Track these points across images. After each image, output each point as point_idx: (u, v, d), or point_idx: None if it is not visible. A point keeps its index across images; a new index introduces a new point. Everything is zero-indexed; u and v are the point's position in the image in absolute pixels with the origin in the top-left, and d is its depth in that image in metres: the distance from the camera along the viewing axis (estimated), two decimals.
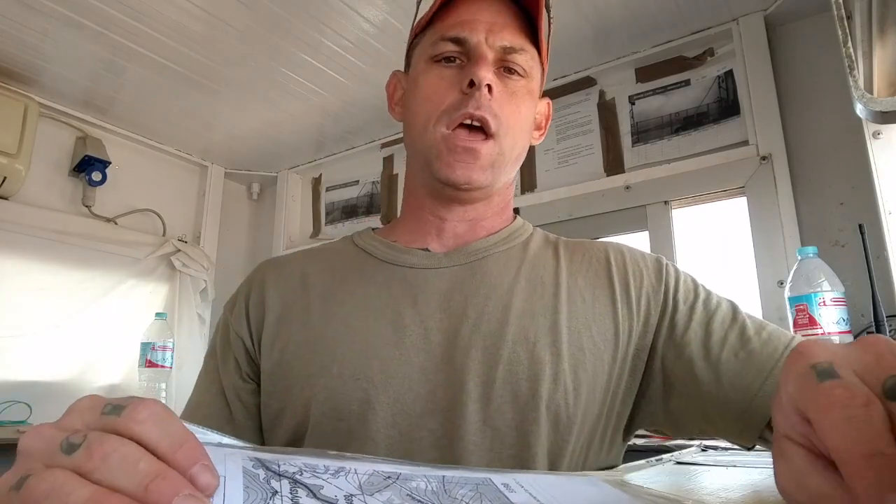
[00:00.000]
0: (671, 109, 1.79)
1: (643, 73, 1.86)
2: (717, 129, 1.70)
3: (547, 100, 0.74)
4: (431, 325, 0.59)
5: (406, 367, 0.57)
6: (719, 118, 1.71)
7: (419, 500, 0.33)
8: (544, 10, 0.64)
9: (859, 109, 1.09)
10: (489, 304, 0.60)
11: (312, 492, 0.30)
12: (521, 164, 0.69)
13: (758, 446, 0.55)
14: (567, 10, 1.65)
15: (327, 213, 2.63)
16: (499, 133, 0.61)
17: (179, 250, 2.41)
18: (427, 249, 0.67)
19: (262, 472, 0.30)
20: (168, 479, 0.25)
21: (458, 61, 0.63)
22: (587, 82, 1.96)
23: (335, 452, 0.36)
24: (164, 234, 2.44)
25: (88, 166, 2.15)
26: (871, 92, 1.10)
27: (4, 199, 1.98)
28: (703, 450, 0.90)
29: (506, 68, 0.63)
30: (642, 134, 1.83)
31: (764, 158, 1.57)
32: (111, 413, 0.27)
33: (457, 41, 0.62)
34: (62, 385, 2.03)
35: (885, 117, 1.07)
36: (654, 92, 1.83)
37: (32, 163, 1.95)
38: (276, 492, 0.29)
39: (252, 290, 0.68)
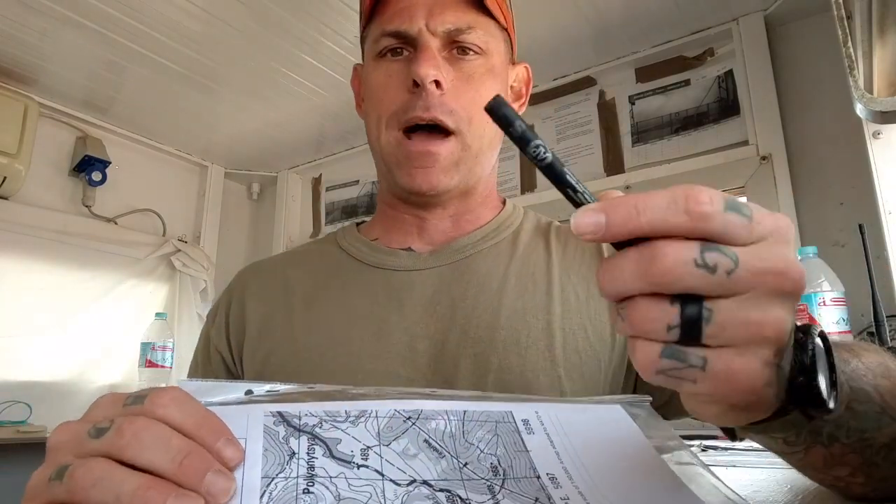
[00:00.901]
0: (671, 109, 1.79)
1: (643, 73, 1.86)
2: (717, 129, 1.70)
3: (523, 64, 0.68)
4: (417, 332, 0.56)
5: (391, 381, 0.54)
6: (719, 118, 1.71)
7: (435, 446, 0.33)
8: None
9: (859, 109, 1.09)
10: (478, 307, 0.57)
11: (329, 448, 0.31)
12: (498, 147, 0.65)
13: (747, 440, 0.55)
14: (567, 10, 1.65)
15: (327, 213, 2.63)
16: (459, 128, 0.57)
17: (179, 250, 2.41)
18: (410, 249, 0.63)
19: (282, 430, 0.32)
20: (199, 455, 0.27)
21: (404, 52, 0.58)
22: (587, 82, 1.96)
23: (358, 391, 0.36)
24: (164, 234, 2.44)
25: (88, 166, 2.15)
26: (871, 92, 1.10)
27: (4, 199, 1.98)
28: (703, 450, 0.90)
29: (459, 49, 0.58)
30: (642, 134, 1.83)
31: (764, 158, 1.57)
32: (134, 403, 0.28)
33: (397, 35, 0.58)
34: (62, 385, 2.03)
35: (885, 117, 1.07)
36: (654, 92, 1.83)
37: (32, 163, 1.94)
38: (294, 453, 0.30)
39: (232, 301, 0.65)
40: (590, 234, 0.26)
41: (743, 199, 0.27)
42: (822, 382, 0.28)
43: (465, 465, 0.33)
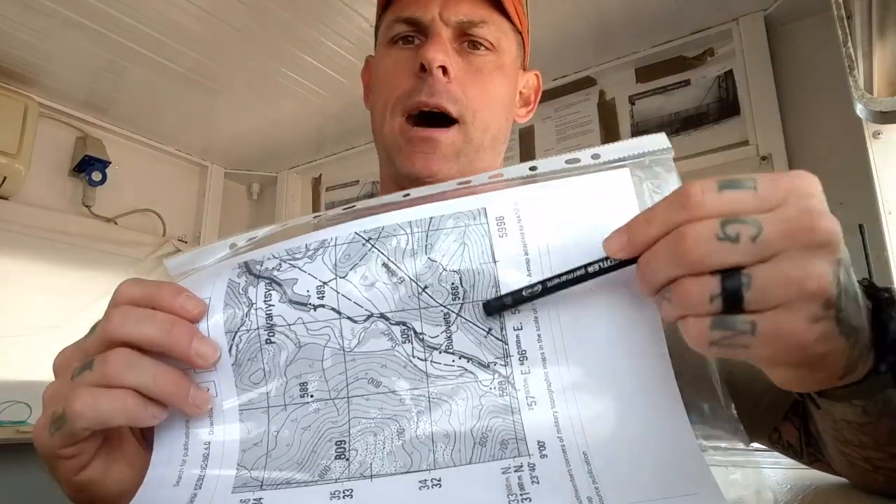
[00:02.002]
0: (671, 109, 1.79)
1: (643, 73, 1.86)
2: (717, 129, 1.70)
3: (534, 72, 0.69)
4: None
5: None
6: (719, 118, 1.71)
7: (394, 269, 0.32)
8: None
9: (859, 109, 1.09)
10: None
11: (285, 291, 0.32)
12: (503, 147, 0.64)
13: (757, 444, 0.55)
14: (567, 10, 1.65)
15: None
16: (464, 118, 0.57)
17: (179, 250, 2.41)
18: None
19: (242, 280, 0.33)
20: (184, 325, 0.32)
21: (415, 41, 0.58)
22: (587, 82, 1.96)
23: (319, 216, 0.36)
24: (164, 235, 2.44)
25: (88, 166, 2.15)
26: (871, 92, 1.10)
27: (4, 199, 1.98)
28: (703, 451, 0.89)
29: (470, 43, 0.58)
30: (642, 134, 1.83)
31: (764, 158, 1.57)
32: (88, 335, 0.36)
33: (410, 21, 0.58)
34: None
35: (885, 117, 1.07)
36: (654, 92, 1.83)
37: (32, 163, 1.94)
38: (252, 303, 0.32)
39: None
40: (619, 251, 0.30)
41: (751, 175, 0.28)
42: None
43: (425, 288, 0.32)
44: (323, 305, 0.32)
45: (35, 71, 1.93)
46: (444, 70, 0.55)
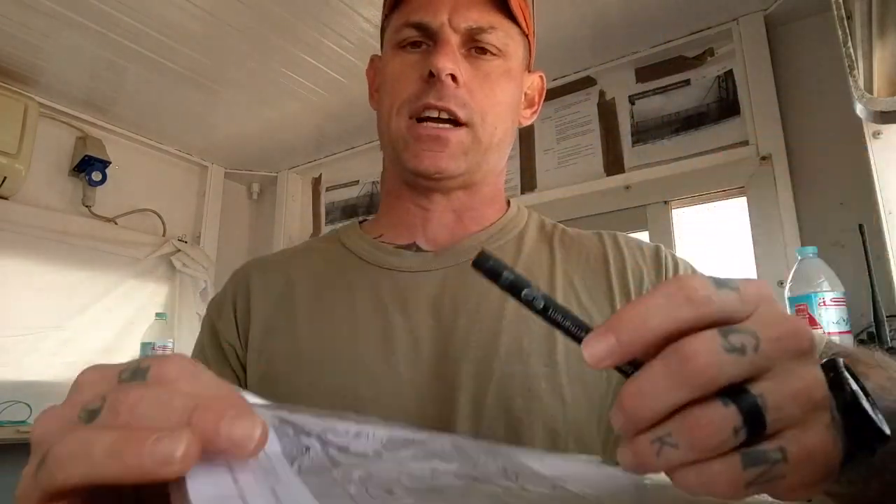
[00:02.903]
0: (671, 109, 1.79)
1: (643, 73, 1.86)
2: (717, 129, 1.70)
3: (539, 73, 0.69)
4: (421, 335, 0.56)
5: (395, 383, 0.54)
6: (719, 118, 1.71)
7: (442, 456, 0.32)
8: None
9: (859, 109, 1.09)
10: (480, 311, 0.57)
11: (341, 449, 0.30)
12: (508, 149, 0.65)
13: None
14: (566, 9, 1.65)
15: (327, 213, 2.63)
16: (472, 121, 0.57)
17: (179, 250, 2.41)
18: (415, 245, 0.63)
19: (290, 429, 0.29)
20: (211, 407, 0.21)
21: (423, 46, 0.59)
22: (587, 82, 1.96)
23: (355, 415, 0.35)
24: (164, 234, 2.44)
25: (88, 166, 2.15)
26: (871, 92, 1.10)
27: (4, 199, 1.98)
28: None
29: (478, 48, 0.58)
30: (642, 134, 1.83)
31: (764, 158, 1.57)
32: (132, 378, 0.23)
33: (419, 26, 0.58)
34: (62, 385, 2.03)
35: (885, 117, 1.07)
36: (654, 92, 1.83)
37: (32, 163, 1.94)
38: (308, 448, 0.28)
39: (238, 296, 0.64)
40: (607, 359, 0.24)
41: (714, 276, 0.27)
42: (872, 412, 0.26)
43: (476, 467, 0.32)
44: (383, 461, 0.31)
45: (35, 71, 1.93)
46: (454, 77, 0.56)
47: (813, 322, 1.17)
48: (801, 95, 1.59)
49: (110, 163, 2.19)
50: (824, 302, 1.17)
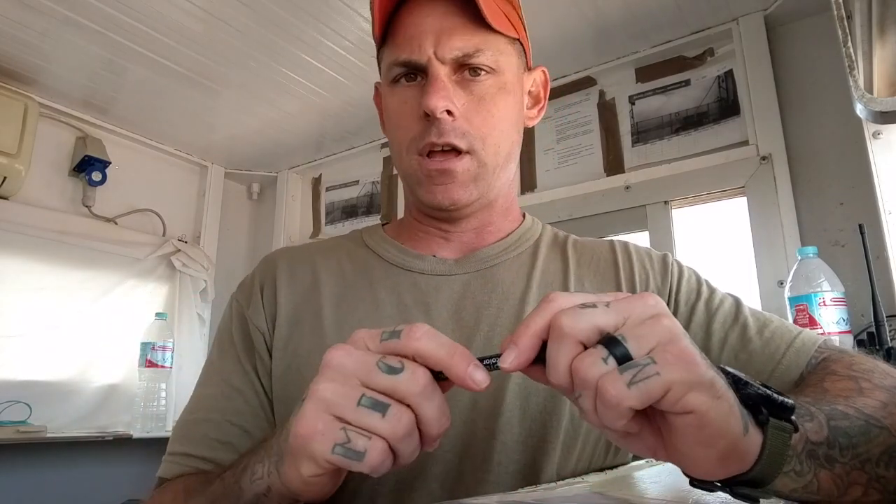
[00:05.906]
0: (671, 109, 1.79)
1: (643, 73, 1.86)
2: (717, 129, 1.70)
3: (541, 68, 0.70)
4: None
5: None
6: (719, 118, 1.71)
7: None
8: None
9: (859, 109, 1.09)
10: (501, 315, 0.60)
11: None
12: (516, 159, 0.67)
13: None
14: (567, 10, 1.65)
15: (327, 213, 2.63)
16: (474, 147, 0.59)
17: (179, 250, 2.41)
18: (435, 256, 0.66)
19: None
20: (463, 352, 0.35)
21: (418, 78, 0.60)
22: (587, 82, 1.96)
23: None
24: (164, 234, 2.44)
25: (88, 166, 2.15)
26: (871, 92, 1.10)
27: (4, 199, 1.98)
28: None
29: (470, 70, 0.59)
30: (642, 134, 1.83)
31: (764, 158, 1.57)
32: (390, 338, 0.35)
33: (407, 64, 0.59)
34: (62, 385, 2.03)
35: (885, 117, 1.07)
36: (654, 92, 1.83)
37: (32, 163, 1.94)
38: None
39: (265, 285, 0.66)
40: (518, 357, 0.34)
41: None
42: (763, 388, 0.33)
43: None
44: None
45: (35, 71, 1.93)
46: (449, 112, 0.57)
47: (813, 322, 1.17)
48: (801, 95, 1.59)
49: (110, 163, 2.19)
50: (824, 302, 1.17)
